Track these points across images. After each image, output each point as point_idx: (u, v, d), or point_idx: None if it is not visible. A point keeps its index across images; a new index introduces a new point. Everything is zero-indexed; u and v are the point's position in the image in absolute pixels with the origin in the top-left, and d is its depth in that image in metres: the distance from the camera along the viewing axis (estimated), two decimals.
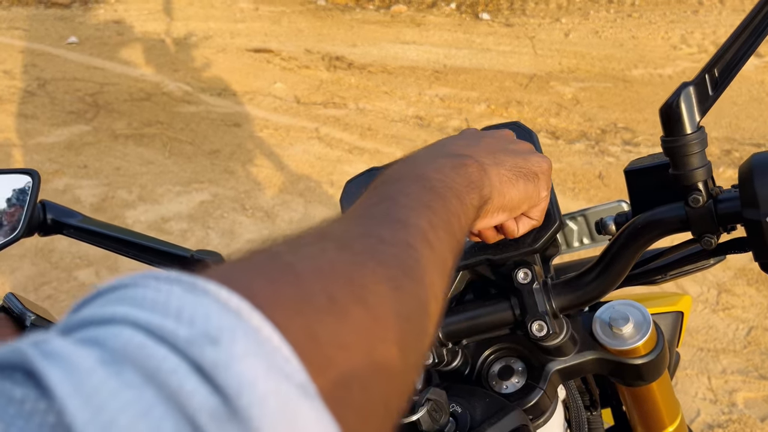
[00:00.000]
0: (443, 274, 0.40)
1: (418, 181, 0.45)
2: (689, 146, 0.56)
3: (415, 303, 0.35)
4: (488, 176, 0.51)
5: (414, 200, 0.42)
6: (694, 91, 0.55)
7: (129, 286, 0.24)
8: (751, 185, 0.54)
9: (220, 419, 0.21)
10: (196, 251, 0.73)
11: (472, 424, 0.64)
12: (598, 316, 0.71)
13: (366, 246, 0.35)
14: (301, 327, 0.26)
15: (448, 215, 0.43)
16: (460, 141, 0.57)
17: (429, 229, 0.40)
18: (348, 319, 0.29)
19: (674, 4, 4.79)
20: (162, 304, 0.23)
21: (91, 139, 3.82)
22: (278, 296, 0.27)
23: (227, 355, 0.22)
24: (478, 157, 0.52)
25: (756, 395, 2.10)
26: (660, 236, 0.61)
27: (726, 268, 2.56)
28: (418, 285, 0.35)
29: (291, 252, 0.32)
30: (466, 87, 4.09)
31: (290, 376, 0.23)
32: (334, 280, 0.30)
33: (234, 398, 0.21)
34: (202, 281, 0.24)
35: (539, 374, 0.70)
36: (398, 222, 0.39)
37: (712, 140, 3.36)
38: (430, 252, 0.38)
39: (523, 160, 0.56)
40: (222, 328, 0.22)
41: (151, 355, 0.21)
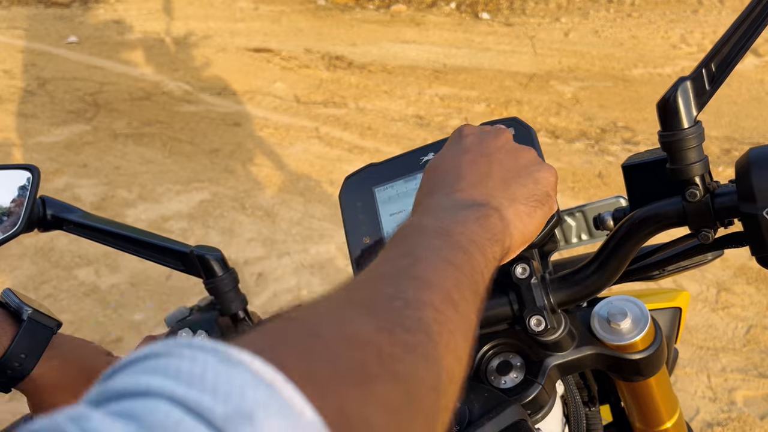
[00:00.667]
0: (467, 336, 0.39)
1: (440, 236, 0.44)
2: (686, 141, 0.56)
3: (440, 371, 0.34)
4: (508, 224, 0.51)
5: (436, 256, 0.41)
6: (691, 86, 0.55)
7: (162, 355, 0.24)
8: (748, 179, 0.54)
9: None
10: (196, 247, 0.73)
11: (470, 419, 0.64)
12: (597, 312, 0.71)
13: (392, 311, 0.35)
14: (332, 404, 0.26)
15: (472, 272, 0.42)
16: (472, 170, 0.55)
17: (454, 288, 0.39)
18: (378, 396, 0.28)
19: (674, 4, 4.80)
20: (198, 376, 0.23)
21: (91, 139, 3.82)
22: (310, 369, 0.27)
23: (261, 429, 0.22)
24: (494, 202, 0.52)
25: (755, 393, 2.10)
26: (657, 231, 0.62)
27: (725, 266, 2.56)
28: (441, 351, 0.35)
29: (318, 320, 0.32)
30: (465, 86, 4.09)
31: None
32: (363, 351, 0.30)
33: None
34: (236, 351, 0.24)
35: (537, 369, 0.70)
36: (421, 281, 0.38)
37: (711, 139, 3.36)
38: (455, 313, 0.38)
39: (534, 184, 0.56)
40: (257, 404, 0.23)
41: (188, 430, 0.21)
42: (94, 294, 2.71)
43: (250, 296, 2.58)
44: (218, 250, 0.72)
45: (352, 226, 0.74)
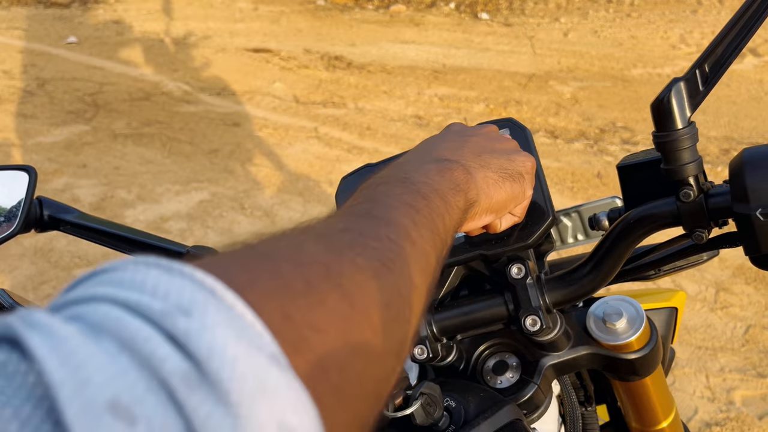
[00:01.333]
0: (425, 270, 0.41)
1: (403, 184, 0.46)
2: (680, 141, 0.56)
3: (394, 293, 0.35)
4: (474, 180, 0.53)
5: (397, 200, 0.43)
6: (685, 87, 0.55)
7: (110, 270, 0.26)
8: (741, 179, 0.55)
9: (190, 381, 0.22)
10: (192, 247, 0.73)
11: (466, 418, 0.65)
12: (592, 312, 0.72)
13: (346, 239, 0.36)
14: (276, 308, 0.27)
15: (431, 215, 0.44)
16: (446, 143, 0.57)
17: (411, 226, 0.41)
18: (324, 304, 0.30)
19: (673, 4, 4.80)
20: (139, 282, 0.24)
21: (91, 139, 3.82)
22: (254, 281, 0.28)
23: (198, 324, 0.23)
24: (464, 161, 0.53)
25: (754, 393, 2.10)
26: (652, 231, 0.62)
27: (724, 266, 2.56)
28: (397, 276, 0.36)
29: (270, 244, 0.33)
30: (465, 86, 4.09)
31: (261, 347, 0.24)
32: (310, 268, 0.31)
33: (204, 362, 0.22)
34: (178, 264, 0.26)
35: (533, 369, 0.70)
36: (380, 219, 0.40)
37: (710, 139, 3.36)
38: (412, 247, 0.39)
39: (508, 161, 0.57)
40: (194, 302, 0.24)
41: (127, 326, 0.22)
42: None
43: None
44: (215, 250, 0.73)
45: None
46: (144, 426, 0.20)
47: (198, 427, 0.21)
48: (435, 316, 0.70)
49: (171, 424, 0.21)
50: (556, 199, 2.98)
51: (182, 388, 0.22)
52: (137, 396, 0.21)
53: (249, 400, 0.22)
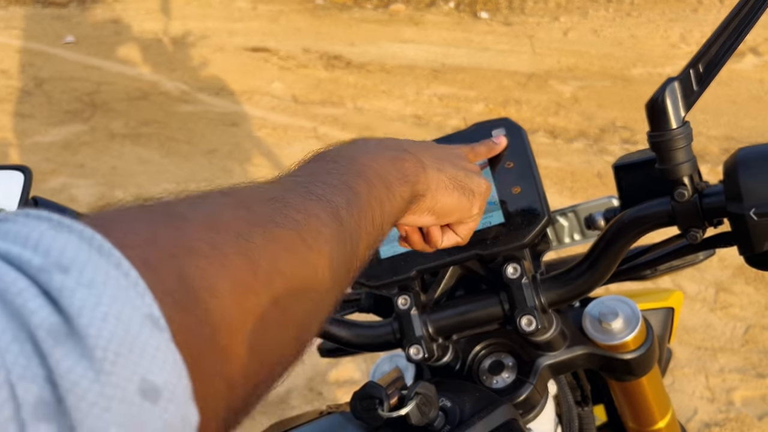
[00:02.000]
0: (350, 252, 0.40)
1: (349, 164, 0.45)
2: (675, 141, 0.56)
3: (305, 267, 0.35)
4: (425, 175, 0.52)
5: (337, 179, 0.43)
6: (679, 87, 0.55)
7: (2, 221, 0.26)
8: (735, 179, 0.54)
9: (57, 335, 0.22)
10: None
11: (461, 418, 0.64)
12: (588, 312, 0.72)
13: (268, 208, 0.35)
14: (172, 269, 0.27)
15: (369, 199, 0.43)
16: (411, 142, 0.57)
17: (343, 206, 0.40)
18: (225, 268, 0.29)
19: (673, 3, 4.80)
20: (23, 236, 0.24)
21: (88, 139, 3.82)
22: (154, 240, 0.28)
23: (74, 282, 0.23)
24: (420, 157, 0.53)
25: (753, 394, 2.10)
26: (647, 231, 0.62)
27: (724, 266, 2.56)
28: (313, 252, 0.36)
29: (187, 203, 0.33)
30: (464, 86, 4.09)
31: (138, 308, 0.24)
32: (219, 232, 0.31)
33: (74, 318, 0.23)
34: (69, 221, 0.26)
35: (529, 369, 0.70)
36: (312, 193, 0.39)
37: (711, 139, 3.36)
38: (338, 226, 0.39)
39: (464, 176, 0.57)
40: (74, 260, 0.24)
41: (3, 277, 0.23)
42: None
43: None
44: None
45: None
46: (4, 373, 0.21)
47: (59, 378, 0.22)
48: (431, 316, 0.70)
49: (32, 373, 0.22)
50: (555, 199, 2.97)
51: (48, 341, 0.22)
52: (2, 344, 0.21)
53: (113, 357, 0.23)
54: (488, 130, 0.71)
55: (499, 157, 0.70)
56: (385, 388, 0.63)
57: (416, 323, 0.69)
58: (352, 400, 0.64)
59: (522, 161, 0.69)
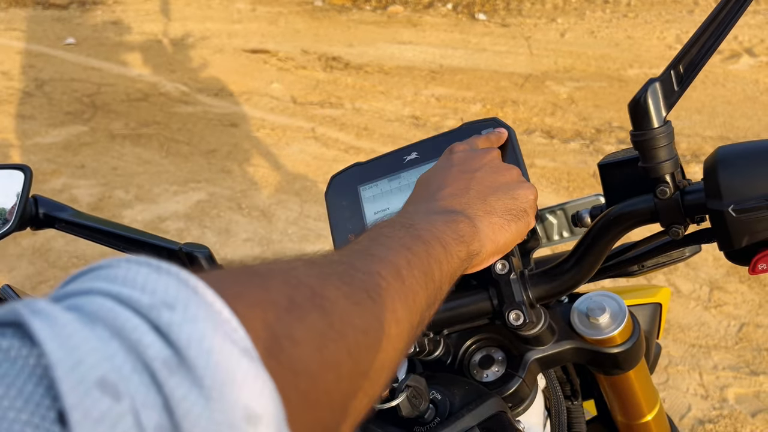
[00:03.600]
0: (411, 307, 0.43)
1: (405, 228, 0.49)
2: (656, 140, 0.58)
3: (373, 321, 0.38)
4: (478, 230, 0.55)
5: (396, 242, 0.46)
6: (660, 87, 0.57)
7: (105, 267, 0.29)
8: (715, 177, 0.56)
9: (170, 366, 0.25)
10: (184, 244, 0.75)
11: (451, 410, 0.66)
12: (576, 307, 0.73)
13: (336, 269, 0.40)
14: (257, 317, 0.31)
15: (428, 259, 0.47)
16: (451, 186, 0.59)
17: (404, 265, 0.44)
18: (303, 320, 0.33)
19: (670, 4, 4.82)
20: (131, 279, 0.27)
21: (89, 140, 3.84)
22: (240, 292, 0.31)
23: (180, 317, 0.26)
24: (469, 211, 0.56)
25: (747, 391, 2.12)
26: (631, 228, 0.63)
27: (718, 265, 2.58)
28: (379, 307, 0.39)
29: (264, 265, 0.37)
30: (462, 87, 4.11)
31: (236, 342, 0.27)
32: (297, 288, 0.35)
33: (183, 350, 0.25)
34: (166, 264, 0.29)
35: (518, 363, 0.72)
36: (374, 256, 0.43)
37: (706, 139, 3.38)
38: (400, 285, 0.42)
39: (512, 200, 0.59)
40: (178, 298, 0.27)
41: (118, 316, 0.26)
42: None
43: None
44: (206, 248, 0.74)
45: (338, 224, 0.76)
46: (128, 401, 0.23)
47: (175, 404, 0.24)
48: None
49: (151, 401, 0.24)
50: (551, 199, 2.99)
51: (163, 371, 0.25)
52: (123, 375, 0.24)
53: (220, 385, 0.25)
54: (478, 129, 0.73)
55: None
56: None
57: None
58: None
59: (510, 160, 0.71)
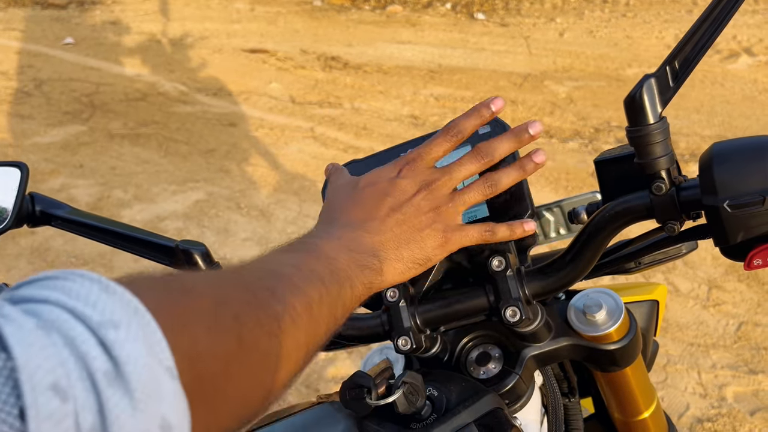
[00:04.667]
0: (313, 337, 0.50)
1: (329, 263, 0.55)
2: (652, 136, 0.58)
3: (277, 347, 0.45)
4: (384, 276, 0.61)
5: (314, 274, 0.52)
6: (656, 84, 0.57)
7: (60, 278, 0.34)
8: (710, 172, 0.56)
9: (110, 377, 0.30)
10: (181, 241, 0.75)
11: (447, 407, 0.66)
12: (573, 304, 0.73)
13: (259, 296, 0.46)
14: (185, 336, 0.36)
15: (337, 299, 0.53)
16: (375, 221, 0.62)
17: (316, 301, 0.50)
18: (221, 343, 0.39)
19: (669, 4, 4.82)
20: (84, 295, 0.32)
21: (87, 139, 3.84)
22: (174, 310, 0.37)
23: (123, 336, 0.31)
24: (382, 254, 0.61)
25: (745, 390, 2.12)
26: (627, 224, 0.63)
27: (717, 264, 2.58)
28: (285, 337, 0.46)
29: (200, 280, 0.44)
30: (461, 86, 4.11)
31: (162, 361, 0.33)
32: (221, 308, 0.40)
33: (122, 365, 0.31)
34: (114, 284, 0.34)
35: (515, 360, 0.72)
36: (293, 285, 0.49)
37: (705, 138, 3.38)
38: (308, 318, 0.49)
39: (420, 251, 0.63)
40: (122, 319, 0.32)
41: (72, 328, 0.30)
42: None
43: None
44: (203, 245, 0.74)
45: None
46: (72, 403, 0.28)
47: (108, 410, 0.29)
48: (419, 308, 0.71)
49: (90, 405, 0.29)
50: (550, 198, 2.99)
51: (103, 381, 0.30)
52: (71, 381, 0.29)
53: (146, 398, 0.31)
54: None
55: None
56: (373, 378, 0.65)
57: (404, 315, 0.70)
58: (341, 390, 0.65)
59: (506, 157, 0.71)
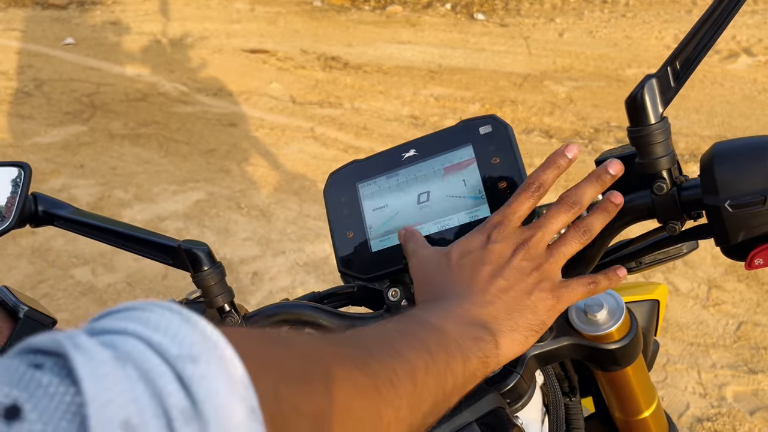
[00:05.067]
0: (415, 411, 0.44)
1: (433, 331, 0.50)
2: (653, 136, 0.58)
3: (373, 413, 0.40)
4: (500, 349, 0.55)
5: (420, 343, 0.48)
6: (657, 84, 0.57)
7: (139, 308, 0.32)
8: (711, 172, 0.56)
9: (186, 416, 0.28)
10: (183, 241, 0.75)
11: None
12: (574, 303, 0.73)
13: (355, 353, 0.42)
14: (270, 380, 0.33)
15: (446, 369, 0.48)
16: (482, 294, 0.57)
17: (421, 369, 0.45)
18: (311, 396, 0.35)
19: (668, 4, 4.82)
20: (163, 327, 0.30)
21: (88, 139, 3.84)
22: (259, 354, 0.34)
23: (202, 372, 0.29)
24: (494, 326, 0.56)
25: (745, 389, 2.12)
26: (628, 224, 0.64)
27: (716, 263, 2.58)
28: (383, 401, 0.41)
29: (296, 337, 0.40)
30: (460, 86, 4.11)
31: (245, 399, 0.30)
32: (313, 363, 0.37)
33: (200, 403, 0.28)
34: (195, 317, 0.31)
35: (516, 359, 0.72)
36: (395, 351, 0.45)
37: (704, 138, 3.38)
38: (412, 387, 0.44)
39: (533, 314, 0.58)
40: (202, 353, 0.30)
41: (148, 360, 0.28)
42: (91, 293, 2.72)
43: (246, 295, 2.60)
44: (205, 245, 0.74)
45: (336, 221, 0.76)
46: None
47: None
48: None
49: None
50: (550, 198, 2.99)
51: (179, 420, 0.27)
52: (144, 419, 0.27)
53: None
54: (475, 127, 0.73)
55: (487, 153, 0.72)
56: None
57: None
58: None
59: (508, 157, 0.71)
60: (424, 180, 0.74)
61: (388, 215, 0.74)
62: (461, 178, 0.72)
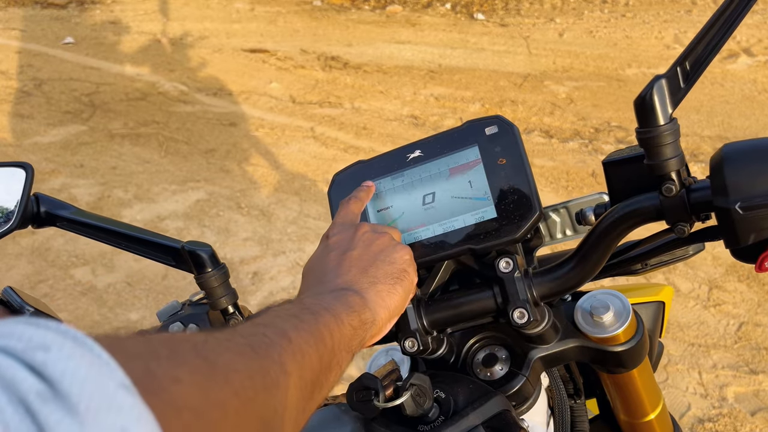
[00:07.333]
0: (301, 363, 0.47)
1: (295, 305, 0.55)
2: (662, 137, 0.57)
3: (258, 368, 0.42)
4: (367, 301, 0.61)
5: (285, 313, 0.52)
6: (667, 84, 0.57)
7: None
8: (721, 174, 0.56)
9: (44, 396, 0.27)
10: (187, 243, 0.74)
11: (455, 409, 0.66)
12: (580, 305, 0.73)
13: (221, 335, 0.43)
14: (139, 366, 0.33)
15: (317, 325, 0.52)
16: (335, 270, 0.65)
17: (291, 329, 0.49)
18: (186, 365, 0.36)
19: (668, 4, 4.82)
20: (8, 332, 0.30)
21: (88, 139, 3.83)
22: (124, 344, 0.34)
23: (55, 356, 0.28)
24: (356, 286, 0.62)
25: (746, 390, 2.12)
26: (636, 226, 0.63)
27: (717, 264, 2.58)
28: (263, 358, 0.43)
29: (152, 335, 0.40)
30: (460, 86, 4.11)
31: (112, 377, 0.29)
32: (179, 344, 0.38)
33: (57, 382, 0.28)
34: (54, 324, 0.31)
35: (522, 361, 0.72)
36: (260, 324, 0.48)
37: (704, 138, 3.38)
38: (287, 343, 0.46)
39: (390, 265, 0.65)
40: (54, 342, 0.29)
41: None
42: (91, 293, 2.72)
43: (246, 295, 2.60)
44: (209, 246, 0.73)
45: None
46: (2, 427, 0.26)
47: (50, 427, 0.26)
48: (426, 310, 0.71)
49: (27, 426, 0.26)
50: (550, 198, 2.99)
51: (37, 402, 0.27)
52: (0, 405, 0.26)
53: (95, 411, 0.27)
54: (481, 127, 0.73)
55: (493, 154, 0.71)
56: (380, 380, 0.65)
57: (411, 317, 0.70)
58: (348, 392, 0.65)
59: (514, 158, 0.70)
60: (429, 181, 0.73)
61: (393, 216, 0.74)
62: (467, 179, 0.72)
